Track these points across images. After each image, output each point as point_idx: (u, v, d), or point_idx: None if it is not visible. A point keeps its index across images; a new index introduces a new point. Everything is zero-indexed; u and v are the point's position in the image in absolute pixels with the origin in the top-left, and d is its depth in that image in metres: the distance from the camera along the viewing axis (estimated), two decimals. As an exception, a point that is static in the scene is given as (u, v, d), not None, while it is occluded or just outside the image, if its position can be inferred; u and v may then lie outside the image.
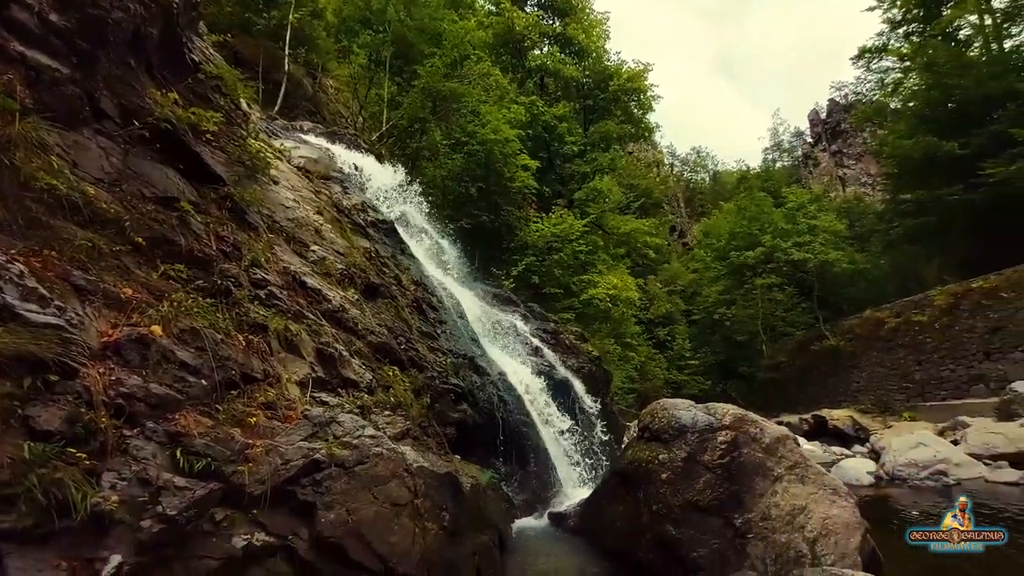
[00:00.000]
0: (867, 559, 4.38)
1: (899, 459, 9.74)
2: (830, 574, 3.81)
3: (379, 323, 4.89)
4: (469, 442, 5.83)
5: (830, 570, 3.89)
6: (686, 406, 5.14)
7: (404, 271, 6.50)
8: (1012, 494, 7.96)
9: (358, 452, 3.59)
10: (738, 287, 27.55)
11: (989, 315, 16.30)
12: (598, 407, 8.24)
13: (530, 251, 15.64)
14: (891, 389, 19.88)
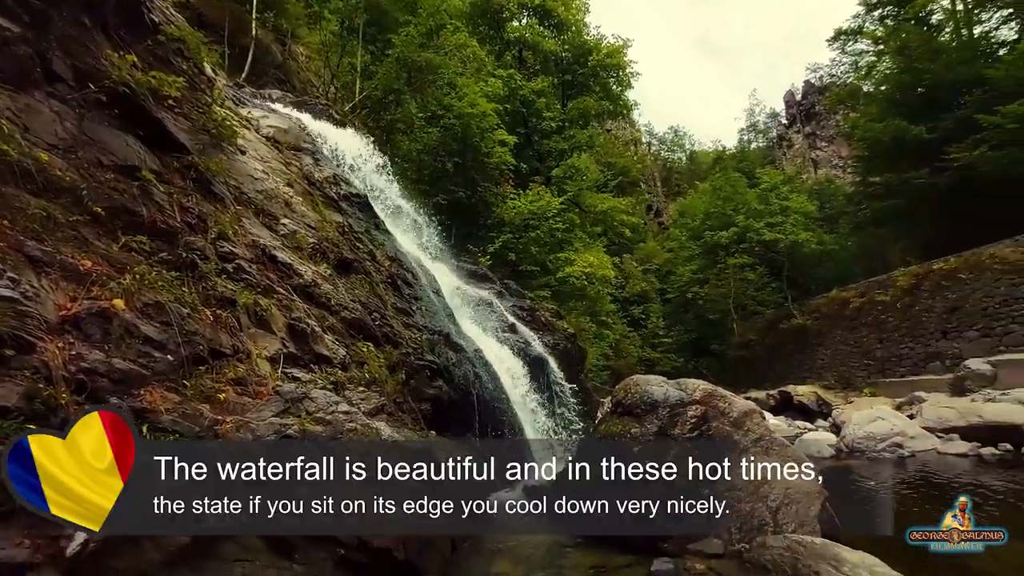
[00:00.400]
0: (825, 526, 4.59)
1: (858, 432, 10.17)
2: (790, 540, 3.98)
3: (353, 299, 4.82)
4: (445, 418, 5.85)
5: (790, 536, 4.06)
6: (658, 382, 5.24)
7: (378, 246, 6.40)
8: (961, 465, 8.42)
9: (332, 428, 3.57)
10: (711, 267, 27.99)
11: (948, 296, 16.94)
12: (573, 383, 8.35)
13: (507, 228, 15.52)
14: (853, 366, 20.64)
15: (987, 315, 15.59)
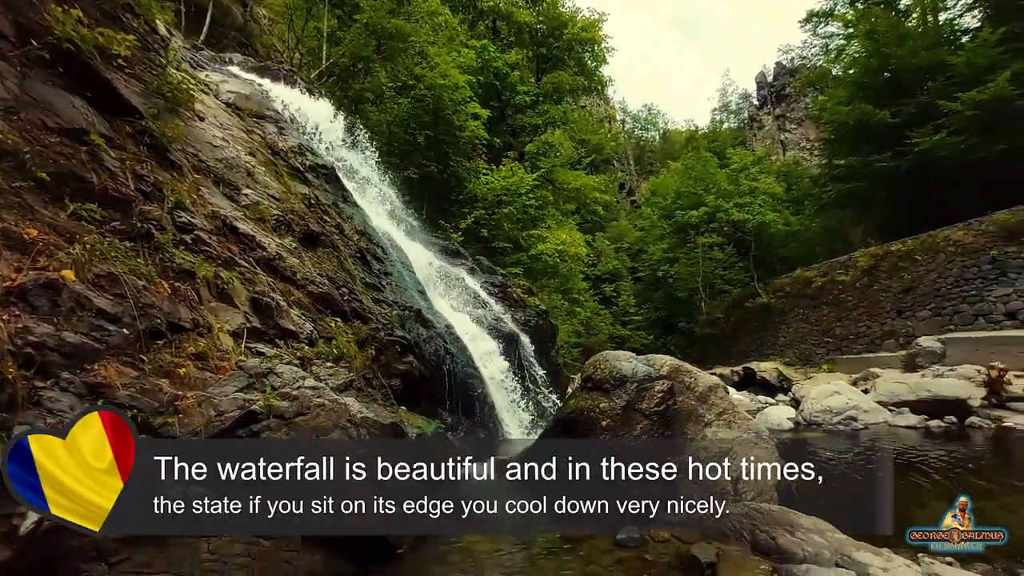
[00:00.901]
0: (784, 494, 4.80)
1: (816, 406, 10.61)
2: (749, 507, 4.13)
3: (320, 273, 4.70)
4: (415, 394, 5.84)
5: (749, 504, 4.23)
6: (627, 357, 5.32)
7: (347, 219, 6.23)
8: (910, 436, 8.89)
9: (298, 403, 3.52)
10: (681, 245, 28.43)
11: (903, 276, 17.65)
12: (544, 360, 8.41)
13: (479, 204, 15.30)
14: (814, 343, 21.43)
15: (939, 295, 16.32)
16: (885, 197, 21.17)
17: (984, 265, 14.95)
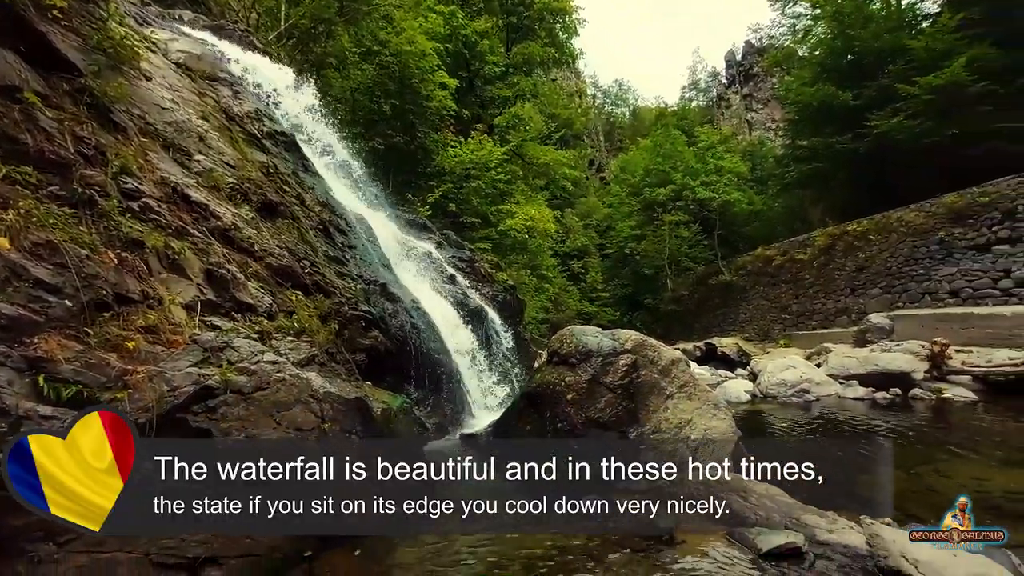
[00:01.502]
0: (737, 462, 4.99)
1: (771, 380, 11.03)
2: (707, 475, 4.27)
3: (279, 244, 4.53)
4: (381, 369, 5.77)
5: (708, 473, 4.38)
6: (592, 332, 5.37)
7: (307, 190, 6.01)
8: (858, 407, 9.36)
9: (257, 378, 3.42)
10: (649, 223, 28.79)
11: (858, 255, 18.34)
12: (511, 335, 8.44)
13: (447, 177, 14.97)
14: (772, 319, 22.20)
15: (890, 274, 17.06)
16: (844, 178, 21.81)
17: (932, 246, 15.64)
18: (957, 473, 5.31)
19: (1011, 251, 13.41)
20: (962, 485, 4.97)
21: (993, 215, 13.92)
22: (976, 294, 14.12)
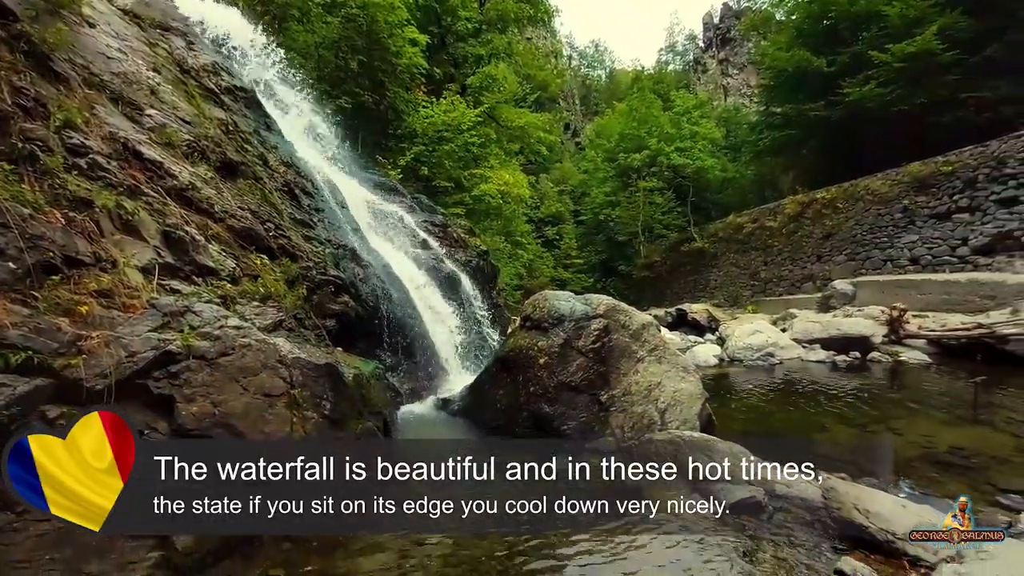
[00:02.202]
0: (704, 423, 5.15)
1: (739, 344, 11.34)
2: (672, 435, 4.40)
3: (241, 206, 4.34)
4: (352, 334, 5.69)
5: (673, 432, 4.51)
6: (565, 297, 5.40)
7: (271, 150, 5.74)
8: (819, 369, 9.73)
9: (221, 343, 3.33)
10: (623, 189, 28.79)
11: (825, 223, 18.74)
12: (485, 300, 8.41)
13: (419, 139, 14.48)
14: (741, 286, 22.71)
15: (855, 241, 17.52)
16: (816, 146, 22.05)
17: (896, 214, 16.06)
18: (908, 430, 5.59)
19: (969, 220, 13.87)
20: (912, 442, 5.24)
21: (955, 184, 14.32)
22: (935, 261, 14.64)
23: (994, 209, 13.25)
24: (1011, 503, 3.66)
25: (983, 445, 4.97)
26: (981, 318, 10.02)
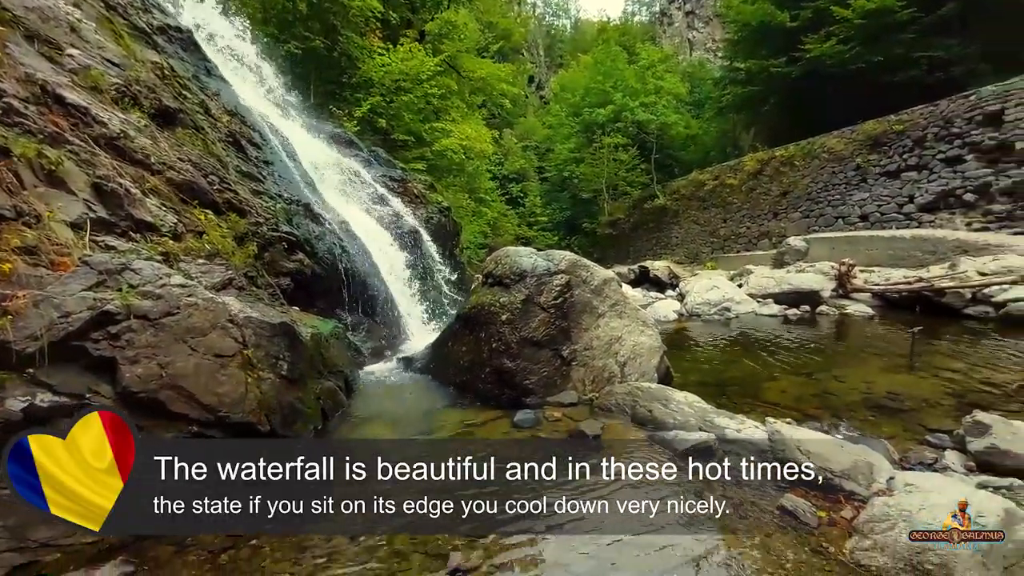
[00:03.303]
0: (662, 374, 5.32)
1: (697, 299, 11.67)
2: (632, 386, 4.52)
3: (181, 157, 4.05)
4: (310, 293, 5.55)
5: (632, 383, 4.64)
6: (527, 253, 5.36)
7: (212, 96, 5.34)
8: (772, 323, 10.13)
9: (164, 303, 3.17)
10: (588, 145, 28.55)
11: (783, 180, 19.15)
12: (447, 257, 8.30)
13: (375, 89, 13.76)
14: (702, 243, 23.20)
15: (810, 198, 18.01)
16: (777, 103, 22.23)
17: (850, 172, 16.53)
18: (849, 378, 5.92)
19: (917, 178, 14.42)
20: (853, 388, 5.56)
21: (905, 143, 14.77)
22: (883, 218, 15.25)
23: (940, 168, 13.79)
24: (937, 441, 3.95)
25: (916, 390, 5.32)
26: (922, 272, 10.57)
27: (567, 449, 3.68)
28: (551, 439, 3.93)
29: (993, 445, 3.46)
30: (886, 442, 3.80)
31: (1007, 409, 4.50)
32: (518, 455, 3.65)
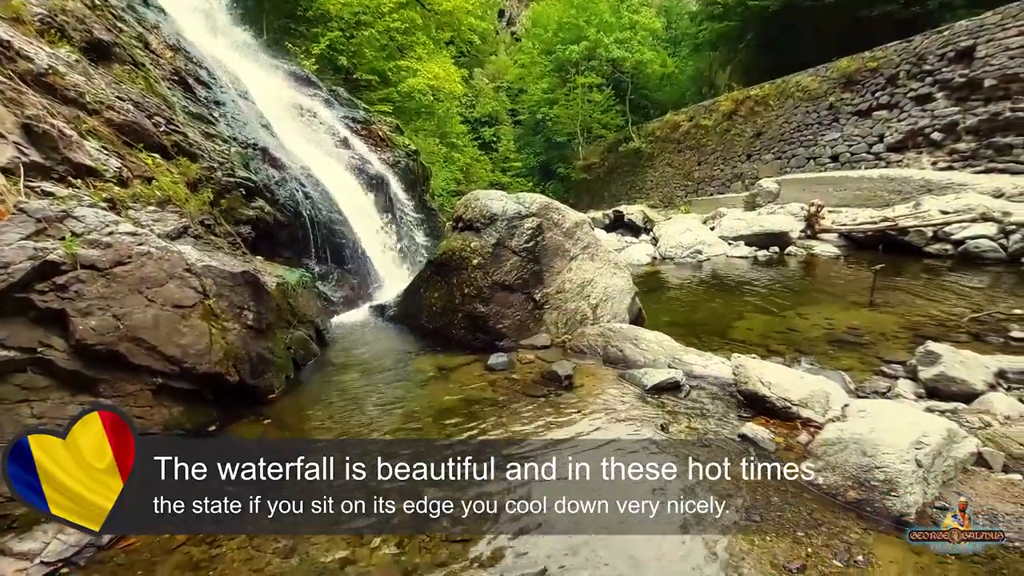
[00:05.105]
0: (634, 316, 5.40)
1: (670, 243, 11.77)
2: (603, 327, 4.58)
3: (120, 96, 3.75)
4: (274, 242, 5.38)
5: (605, 325, 4.70)
6: (498, 196, 5.26)
7: (151, 29, 4.90)
8: (742, 264, 10.34)
9: (114, 251, 3.02)
10: (561, 85, 27.70)
11: (757, 121, 19.00)
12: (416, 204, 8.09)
13: (334, 23, 12.88)
14: (676, 186, 23.15)
15: (783, 139, 17.98)
16: (753, 40, 21.70)
17: (823, 111, 16.45)
18: (813, 315, 6.12)
19: (887, 117, 14.45)
20: (815, 324, 5.75)
21: (878, 80, 14.69)
22: (853, 159, 15.36)
23: (910, 106, 13.83)
24: (891, 371, 4.14)
25: (874, 325, 5.54)
26: (887, 212, 10.80)
27: (538, 390, 3.77)
28: (524, 380, 4.00)
29: (942, 373, 3.64)
30: (843, 373, 3.97)
31: (957, 340, 4.73)
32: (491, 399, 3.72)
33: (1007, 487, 2.25)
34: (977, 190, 10.07)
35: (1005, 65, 11.38)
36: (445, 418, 3.42)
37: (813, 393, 2.92)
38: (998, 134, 11.61)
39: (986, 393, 3.41)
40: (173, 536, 2.30)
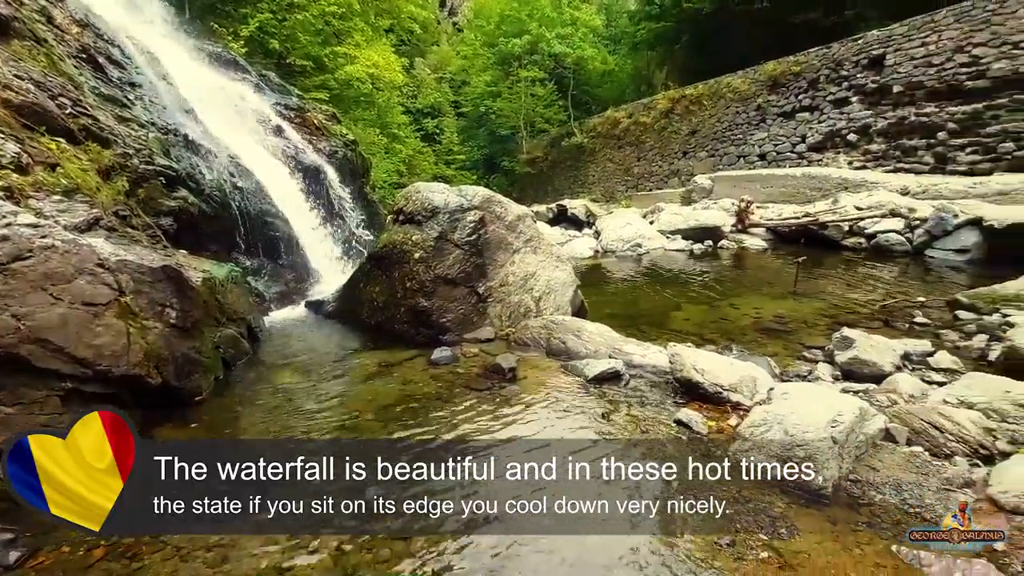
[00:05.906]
0: (576, 308, 5.48)
1: (611, 236, 12.05)
2: (546, 320, 4.63)
3: (18, 74, 3.38)
4: (200, 235, 5.07)
5: (548, 318, 4.75)
6: (440, 189, 5.20)
7: (56, 3, 4.47)
8: (679, 257, 10.74)
9: (12, 244, 2.74)
10: (504, 78, 27.68)
11: (692, 119, 19.74)
12: (355, 196, 7.84)
13: (264, 4, 12.18)
14: (617, 181, 23.71)
15: (716, 138, 18.77)
16: (688, 42, 22.48)
17: (752, 112, 17.31)
18: (743, 305, 6.45)
19: (809, 119, 15.39)
20: (745, 313, 6.06)
21: (801, 84, 15.60)
22: (779, 157, 16.27)
23: (829, 109, 14.78)
24: (811, 356, 4.43)
25: (797, 313, 5.90)
26: (808, 208, 11.53)
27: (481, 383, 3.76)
28: (468, 374, 3.99)
29: (855, 356, 3.93)
30: (769, 359, 4.21)
31: (870, 326, 5.12)
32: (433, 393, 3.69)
33: (910, 459, 2.47)
34: (887, 188, 10.93)
35: (911, 73, 12.38)
36: (388, 415, 3.36)
37: (742, 378, 3.08)
38: (904, 136, 12.63)
39: (893, 374, 3.71)
40: (90, 552, 2.20)
